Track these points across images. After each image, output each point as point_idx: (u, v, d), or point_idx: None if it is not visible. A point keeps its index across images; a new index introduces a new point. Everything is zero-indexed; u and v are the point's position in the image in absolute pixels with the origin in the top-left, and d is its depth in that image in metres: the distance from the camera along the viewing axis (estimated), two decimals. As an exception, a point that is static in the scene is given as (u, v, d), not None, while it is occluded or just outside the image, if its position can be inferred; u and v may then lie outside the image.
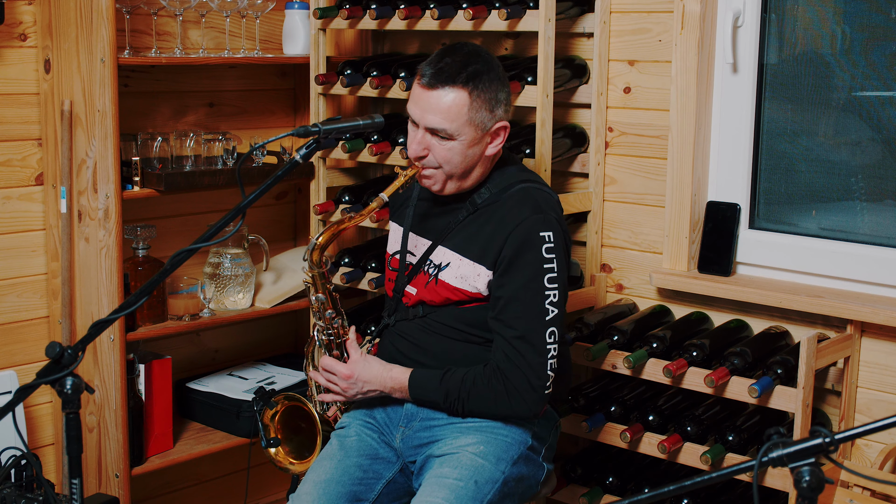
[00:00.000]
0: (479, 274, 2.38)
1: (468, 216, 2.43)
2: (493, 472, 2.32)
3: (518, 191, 2.40)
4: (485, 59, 2.35)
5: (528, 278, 2.31)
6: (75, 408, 1.90)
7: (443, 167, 2.37)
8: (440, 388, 2.35)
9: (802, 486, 1.46)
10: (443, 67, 2.31)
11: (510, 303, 2.32)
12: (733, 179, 2.93)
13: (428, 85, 2.32)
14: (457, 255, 2.41)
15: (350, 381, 2.41)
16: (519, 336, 2.31)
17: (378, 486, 2.42)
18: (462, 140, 2.33)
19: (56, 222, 3.03)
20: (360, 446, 2.45)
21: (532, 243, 2.32)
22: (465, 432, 2.38)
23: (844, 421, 2.71)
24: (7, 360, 3.06)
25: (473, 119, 2.32)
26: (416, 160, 2.38)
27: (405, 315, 2.50)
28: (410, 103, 2.38)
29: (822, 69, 2.83)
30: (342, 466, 2.40)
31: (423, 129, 2.35)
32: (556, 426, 2.54)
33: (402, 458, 2.46)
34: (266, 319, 3.62)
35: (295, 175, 3.32)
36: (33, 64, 3.02)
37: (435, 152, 2.35)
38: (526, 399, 2.31)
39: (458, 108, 2.30)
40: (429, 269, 2.45)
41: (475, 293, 2.39)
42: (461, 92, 2.30)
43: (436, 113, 2.31)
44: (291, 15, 3.35)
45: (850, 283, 2.76)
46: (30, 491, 2.47)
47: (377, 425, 2.49)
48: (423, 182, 2.43)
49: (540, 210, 2.35)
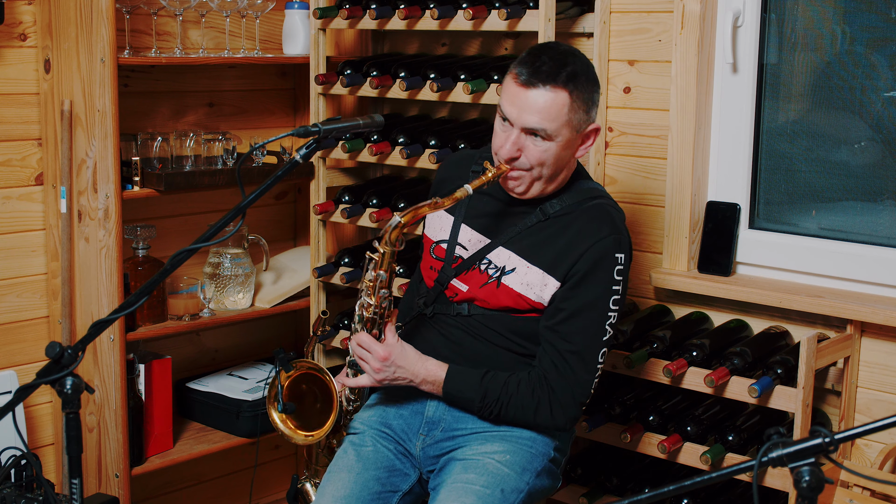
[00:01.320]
0: (546, 284, 2.33)
1: (538, 223, 2.36)
2: (518, 481, 2.30)
3: (594, 206, 2.36)
4: (580, 58, 2.30)
5: (595, 297, 2.29)
6: (75, 408, 1.90)
7: (533, 169, 2.30)
8: (479, 387, 2.30)
9: (802, 486, 1.47)
10: (541, 66, 2.24)
11: (572, 317, 2.29)
12: (733, 179, 2.93)
13: (527, 83, 2.24)
14: (524, 261, 2.35)
15: (385, 363, 2.31)
16: (574, 351, 2.29)
17: (395, 500, 2.38)
18: (559, 141, 2.27)
19: (56, 222, 3.03)
20: (377, 458, 2.39)
21: (606, 263, 2.29)
22: (490, 440, 2.35)
23: (844, 421, 2.71)
24: (7, 360, 3.06)
25: (572, 120, 2.26)
26: (508, 161, 2.30)
27: (446, 309, 2.42)
28: (505, 102, 2.28)
29: (822, 69, 2.83)
30: (361, 480, 2.35)
31: (517, 130, 2.27)
32: (572, 435, 2.53)
33: (420, 468, 2.42)
34: (266, 319, 3.62)
35: (295, 175, 3.32)
36: (33, 64, 3.02)
37: (528, 154, 2.28)
38: (567, 413, 2.31)
39: (559, 108, 2.24)
40: (488, 270, 2.38)
41: (537, 303, 2.34)
42: (562, 92, 2.24)
43: (535, 112, 2.24)
44: (291, 15, 3.35)
45: (850, 283, 2.76)
46: (30, 491, 2.47)
47: (393, 434, 2.43)
48: (507, 183, 2.34)
49: (617, 231, 2.32)
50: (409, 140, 3.07)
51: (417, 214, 2.29)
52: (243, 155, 3.28)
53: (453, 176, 2.51)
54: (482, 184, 2.29)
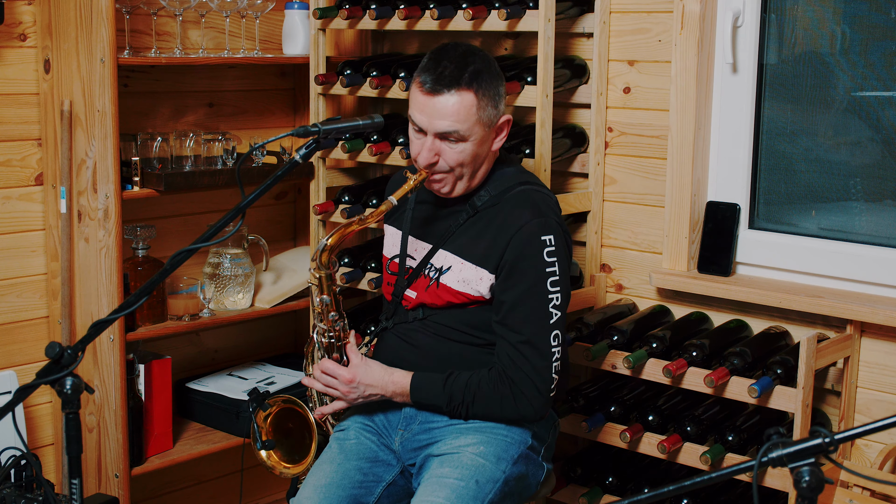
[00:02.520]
0: (481, 278, 2.38)
1: (468, 219, 2.42)
2: (494, 471, 2.32)
3: (517, 193, 2.40)
4: (480, 56, 2.35)
5: (531, 283, 2.31)
6: (75, 408, 1.90)
7: (454, 170, 2.36)
8: (443, 391, 2.35)
9: (802, 486, 1.46)
10: (443, 71, 2.30)
11: (514, 308, 2.32)
12: (733, 179, 2.93)
13: (432, 91, 2.30)
14: (458, 259, 2.41)
15: (352, 386, 2.39)
16: (524, 341, 2.31)
17: (378, 489, 2.41)
18: (473, 140, 2.33)
19: (56, 222, 3.03)
20: (359, 449, 2.44)
21: (533, 247, 2.32)
22: (464, 433, 2.38)
23: (844, 421, 2.71)
24: (7, 360, 3.06)
25: (482, 118, 2.32)
26: (427, 167, 2.36)
27: (404, 318, 2.49)
28: (415, 111, 2.35)
29: (821, 69, 2.83)
30: (342, 470, 2.39)
31: (431, 136, 2.33)
32: (555, 426, 2.54)
33: (402, 461, 2.46)
34: (266, 319, 3.62)
35: (295, 175, 3.32)
36: (33, 64, 3.02)
37: (446, 156, 2.34)
38: (533, 403, 2.32)
39: (468, 109, 2.30)
40: (430, 273, 2.45)
41: (477, 297, 2.39)
42: (467, 93, 2.30)
43: (445, 117, 2.30)
44: (291, 15, 3.35)
45: (850, 283, 2.76)
46: (29, 491, 2.47)
47: (376, 428, 2.48)
48: (432, 186, 2.41)
49: (540, 213, 2.35)
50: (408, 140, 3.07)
51: (345, 234, 2.36)
52: (243, 155, 3.28)
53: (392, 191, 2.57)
54: (405, 192, 2.36)
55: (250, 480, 3.59)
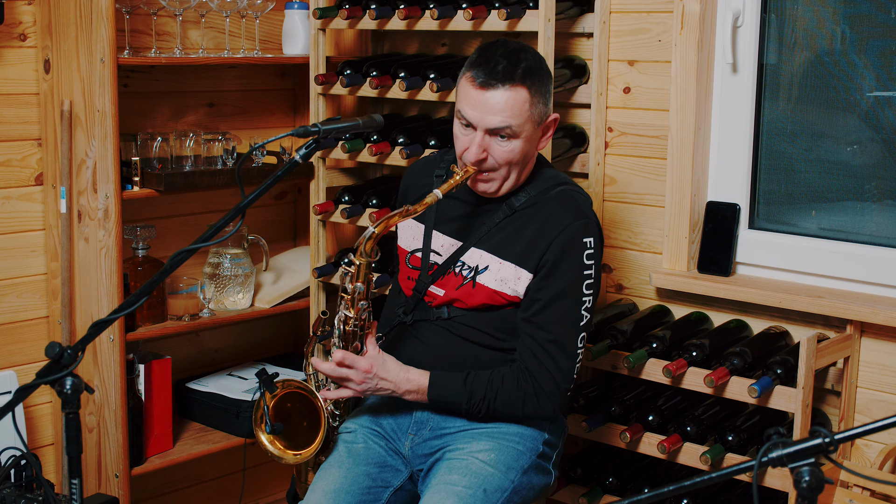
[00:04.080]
0: (519, 277, 2.35)
1: (505, 218, 2.38)
2: (503, 480, 2.30)
3: (559, 194, 2.38)
4: (531, 52, 2.32)
5: (567, 284, 2.30)
6: (75, 408, 1.90)
7: (501, 168, 2.32)
8: (464, 389, 2.32)
9: (802, 487, 1.46)
10: (496, 66, 2.26)
11: (548, 307, 2.31)
12: (733, 179, 2.93)
13: (484, 85, 2.25)
14: (496, 258, 2.37)
15: (368, 376, 2.33)
16: (553, 340, 2.30)
17: (386, 495, 2.39)
18: (524, 138, 2.29)
19: (56, 222, 3.03)
20: (367, 454, 2.41)
21: (575, 249, 2.30)
22: (476, 438, 2.36)
23: (844, 421, 2.71)
24: (7, 360, 3.06)
25: (534, 115, 2.29)
26: (475, 164, 2.30)
27: (426, 315, 2.45)
28: (465, 106, 2.29)
29: (821, 69, 2.83)
30: (351, 475, 2.36)
31: (481, 132, 2.28)
32: (565, 431, 2.53)
33: (411, 466, 2.43)
34: (266, 319, 3.62)
35: (295, 175, 3.32)
36: (33, 64, 3.02)
37: (495, 154, 2.30)
38: (553, 401, 2.32)
39: (521, 105, 2.26)
40: (462, 271, 2.40)
41: (513, 296, 2.36)
42: (521, 90, 2.26)
43: (497, 113, 2.25)
44: (291, 15, 3.35)
45: (850, 284, 2.76)
46: (29, 491, 2.47)
47: (384, 433, 2.45)
48: (478, 186, 2.36)
49: (583, 215, 2.34)
50: (408, 140, 3.07)
51: (390, 224, 2.31)
52: (243, 155, 3.28)
53: (418, 183, 2.55)
54: (451, 187, 2.31)
55: (252, 480, 3.60)
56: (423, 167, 2.60)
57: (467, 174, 2.31)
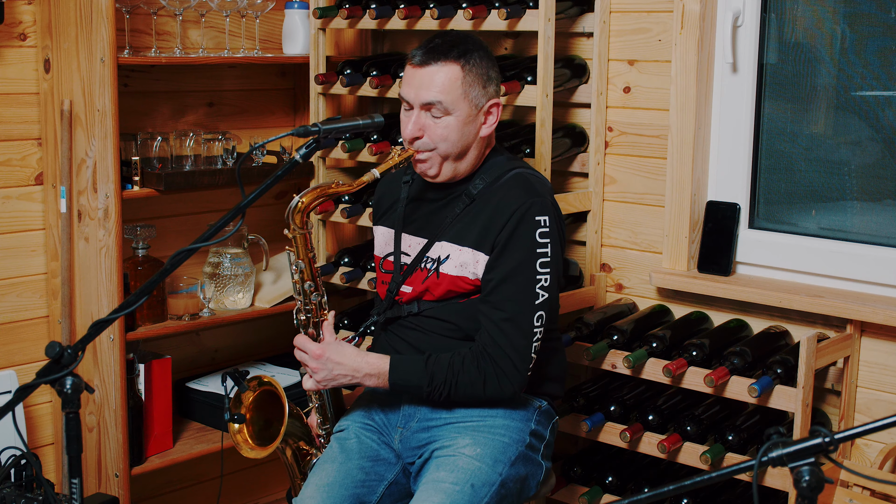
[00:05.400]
0: (477, 261, 2.37)
1: (465, 208, 2.41)
2: (490, 474, 2.31)
3: (513, 176, 2.41)
4: (473, 40, 2.40)
5: (519, 261, 2.32)
6: (75, 407, 1.90)
7: (438, 147, 2.36)
8: (424, 371, 2.32)
9: (802, 486, 1.46)
10: (433, 47, 2.35)
11: (500, 285, 2.32)
12: (733, 179, 2.93)
13: (420, 63, 2.35)
14: (455, 246, 2.40)
15: (320, 362, 2.33)
16: (507, 318, 2.31)
17: (380, 488, 2.41)
18: (458, 115, 2.34)
19: (56, 222, 3.03)
20: (360, 448, 2.43)
21: (527, 226, 2.32)
22: (462, 432, 2.37)
23: (844, 421, 2.71)
24: (7, 359, 3.06)
25: (468, 93, 2.34)
26: (410, 142, 2.37)
27: (398, 312, 2.48)
28: (403, 87, 2.39)
29: (821, 69, 2.83)
30: (344, 469, 2.38)
31: (417, 109, 2.36)
32: (554, 423, 2.53)
33: (402, 460, 2.45)
34: (266, 319, 3.62)
35: (295, 175, 3.32)
36: (33, 64, 3.02)
37: (430, 132, 2.35)
38: (511, 381, 2.32)
39: (453, 81, 2.32)
40: (427, 265, 2.44)
41: (474, 279, 2.38)
42: (454, 66, 2.33)
43: (430, 88, 2.32)
44: (291, 15, 3.35)
45: (850, 283, 2.76)
46: (30, 490, 2.47)
47: (376, 426, 2.47)
48: (417, 167, 2.41)
49: (536, 194, 2.36)
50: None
51: (320, 194, 2.35)
52: (243, 155, 3.28)
53: (389, 191, 2.60)
54: (389, 167, 2.37)
55: (252, 480, 3.60)
56: (391, 177, 2.62)
57: (406, 153, 2.38)
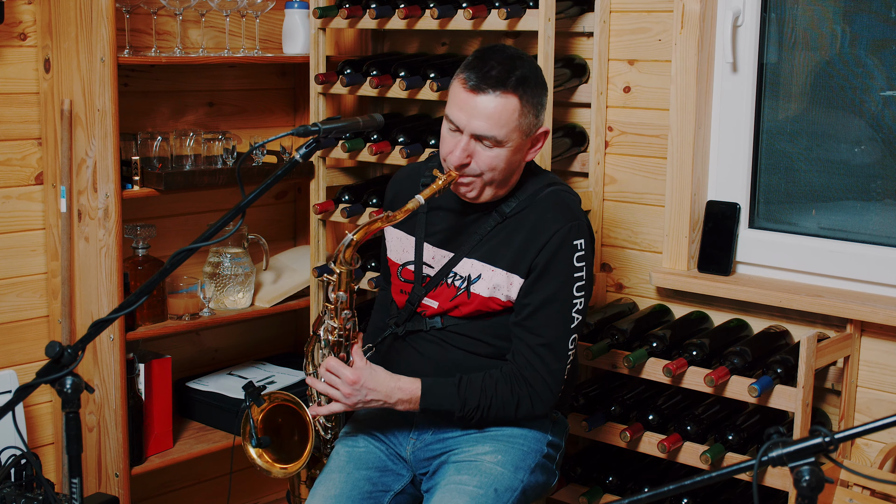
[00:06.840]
0: (511, 283, 2.32)
1: (496, 226, 2.35)
2: (512, 480, 2.30)
3: (547, 195, 2.35)
4: (528, 62, 2.28)
5: (557, 287, 2.29)
6: (75, 407, 1.90)
7: (484, 175, 2.28)
8: (457, 396, 2.29)
9: (802, 486, 1.47)
10: (489, 71, 2.21)
11: (538, 311, 2.29)
12: (733, 179, 2.93)
13: (475, 89, 2.21)
14: (487, 266, 2.34)
15: (355, 388, 2.28)
16: (544, 344, 2.29)
17: (387, 499, 2.38)
18: (509, 147, 2.25)
19: (56, 222, 3.03)
20: (368, 458, 2.40)
21: (565, 252, 2.28)
22: (480, 441, 2.35)
23: (844, 420, 2.71)
24: (7, 359, 3.06)
25: (521, 125, 2.24)
26: (457, 168, 2.27)
27: (419, 326, 2.42)
28: (453, 108, 2.25)
29: (821, 69, 2.83)
30: (352, 480, 2.35)
31: (467, 136, 2.24)
32: (566, 432, 2.53)
33: (413, 471, 2.42)
34: (266, 319, 3.62)
35: (295, 174, 3.32)
36: (33, 63, 3.02)
37: (478, 159, 2.26)
38: (545, 402, 2.32)
39: (509, 113, 2.22)
40: (455, 282, 2.37)
41: (507, 302, 2.34)
42: (511, 98, 2.21)
43: (485, 119, 2.21)
44: (291, 14, 3.35)
45: (850, 283, 2.76)
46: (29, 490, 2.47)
47: (385, 437, 2.44)
48: (458, 189, 2.32)
49: (573, 216, 2.31)
50: (409, 140, 3.07)
51: (370, 230, 2.29)
52: (243, 154, 3.28)
53: (404, 190, 2.51)
54: (433, 192, 2.27)
55: (252, 479, 3.59)
56: (408, 174, 2.56)
57: (449, 178, 2.28)
